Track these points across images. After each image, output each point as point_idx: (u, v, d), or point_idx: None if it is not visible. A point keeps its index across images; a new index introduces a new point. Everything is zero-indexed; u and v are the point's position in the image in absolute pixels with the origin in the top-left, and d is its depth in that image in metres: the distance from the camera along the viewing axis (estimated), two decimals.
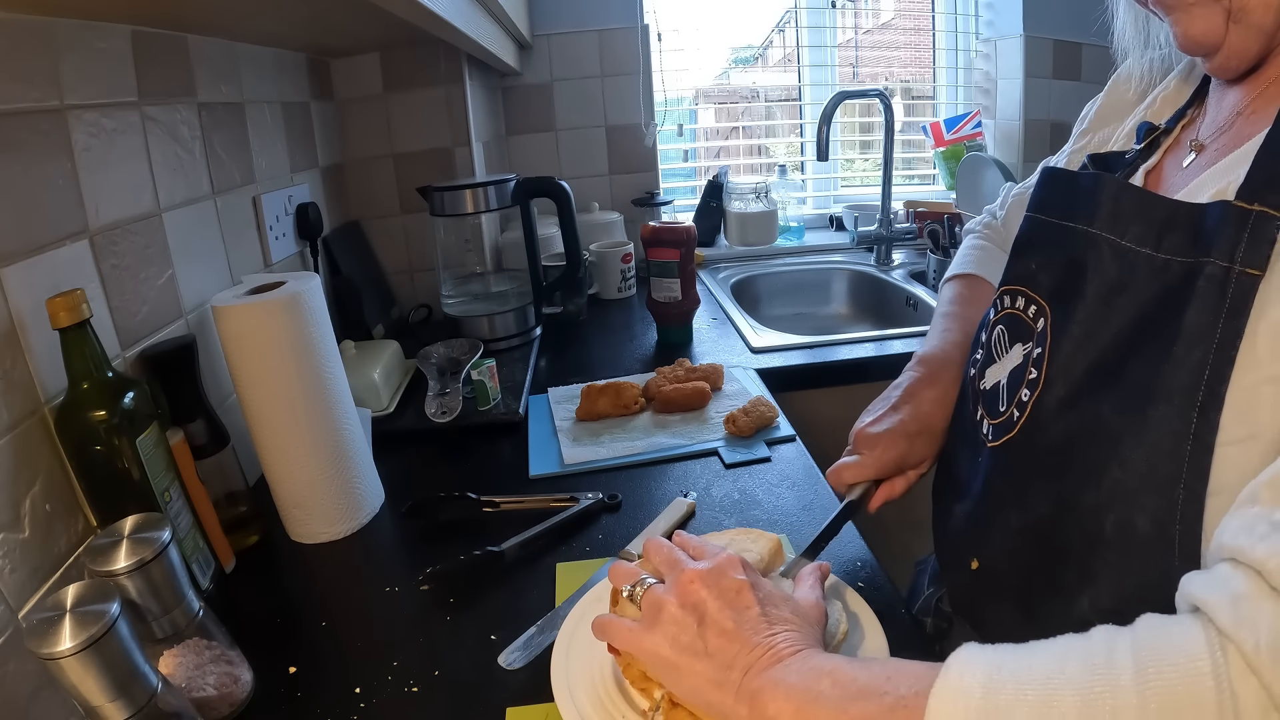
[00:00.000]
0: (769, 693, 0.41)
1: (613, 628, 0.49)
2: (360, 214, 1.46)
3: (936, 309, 0.78)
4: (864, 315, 1.73)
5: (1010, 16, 1.81)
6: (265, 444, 0.76)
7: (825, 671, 0.40)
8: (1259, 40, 0.47)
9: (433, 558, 0.72)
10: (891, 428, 0.65)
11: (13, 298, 0.57)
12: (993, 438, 0.55)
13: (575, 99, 1.78)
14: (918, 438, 0.65)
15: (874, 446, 0.64)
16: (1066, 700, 0.32)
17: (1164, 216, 0.46)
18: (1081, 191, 0.53)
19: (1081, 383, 0.48)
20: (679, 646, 0.45)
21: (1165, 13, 0.49)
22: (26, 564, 0.55)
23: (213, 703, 0.55)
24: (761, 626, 0.44)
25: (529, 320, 1.36)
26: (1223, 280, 0.41)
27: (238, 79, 0.98)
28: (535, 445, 0.97)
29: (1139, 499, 0.43)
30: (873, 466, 0.64)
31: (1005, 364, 0.56)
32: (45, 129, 0.62)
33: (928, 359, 0.70)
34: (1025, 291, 0.56)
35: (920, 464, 0.66)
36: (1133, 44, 0.60)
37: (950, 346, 0.71)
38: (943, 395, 0.66)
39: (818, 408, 1.19)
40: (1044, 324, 0.52)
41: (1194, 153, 0.53)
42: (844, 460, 0.66)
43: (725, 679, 0.42)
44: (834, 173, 2.14)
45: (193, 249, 0.84)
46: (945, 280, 0.81)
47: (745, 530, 0.63)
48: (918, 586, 0.78)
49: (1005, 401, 0.54)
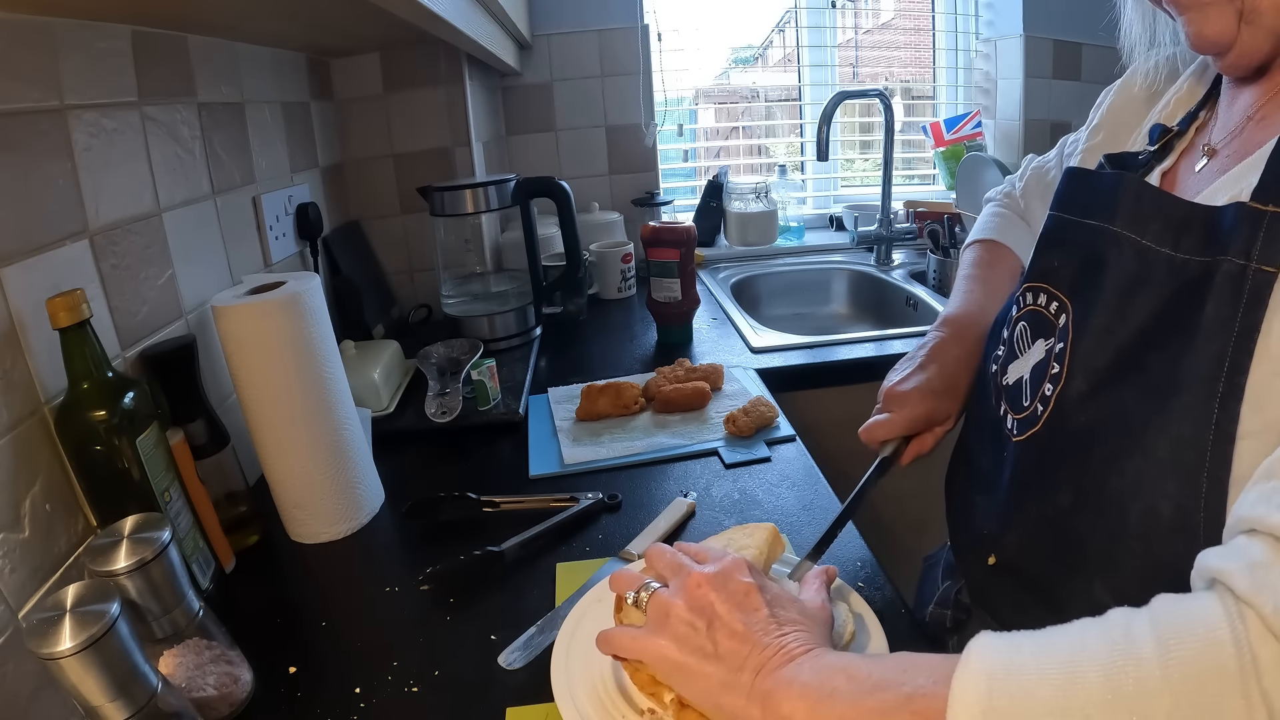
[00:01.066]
0: (782, 692, 0.40)
1: (617, 637, 0.49)
2: (360, 214, 1.46)
3: (959, 272, 0.80)
4: (864, 315, 1.73)
5: (1010, 16, 1.81)
6: (265, 444, 0.76)
7: (839, 668, 0.40)
8: (1270, 41, 0.47)
9: (433, 558, 0.72)
10: (919, 385, 0.67)
11: (13, 298, 0.57)
12: (1017, 432, 0.56)
13: (575, 99, 1.78)
14: (944, 395, 0.67)
15: (903, 404, 0.67)
16: (1090, 676, 0.32)
17: (1181, 217, 0.47)
18: (1103, 190, 0.54)
19: (1104, 375, 0.49)
20: (688, 649, 0.44)
21: (1178, 12, 0.49)
22: (26, 564, 0.55)
23: (213, 703, 0.55)
24: (771, 627, 0.44)
25: (529, 320, 1.36)
26: (1239, 276, 0.42)
27: (238, 79, 0.98)
28: (535, 445, 0.97)
29: (1163, 486, 0.44)
30: (902, 423, 0.66)
31: (1028, 359, 0.56)
32: (45, 129, 0.62)
33: (952, 320, 0.73)
34: (1047, 288, 0.56)
35: (946, 420, 0.69)
36: (1139, 42, 0.60)
37: (974, 307, 0.73)
38: (967, 354, 0.69)
39: (818, 408, 1.19)
40: (1065, 319, 0.53)
41: (1206, 157, 0.53)
42: (874, 419, 0.68)
43: (736, 681, 0.42)
44: (834, 173, 2.14)
45: (193, 249, 0.84)
46: (966, 245, 0.84)
47: (738, 527, 0.63)
48: (930, 581, 0.78)
49: (1029, 396, 0.55)
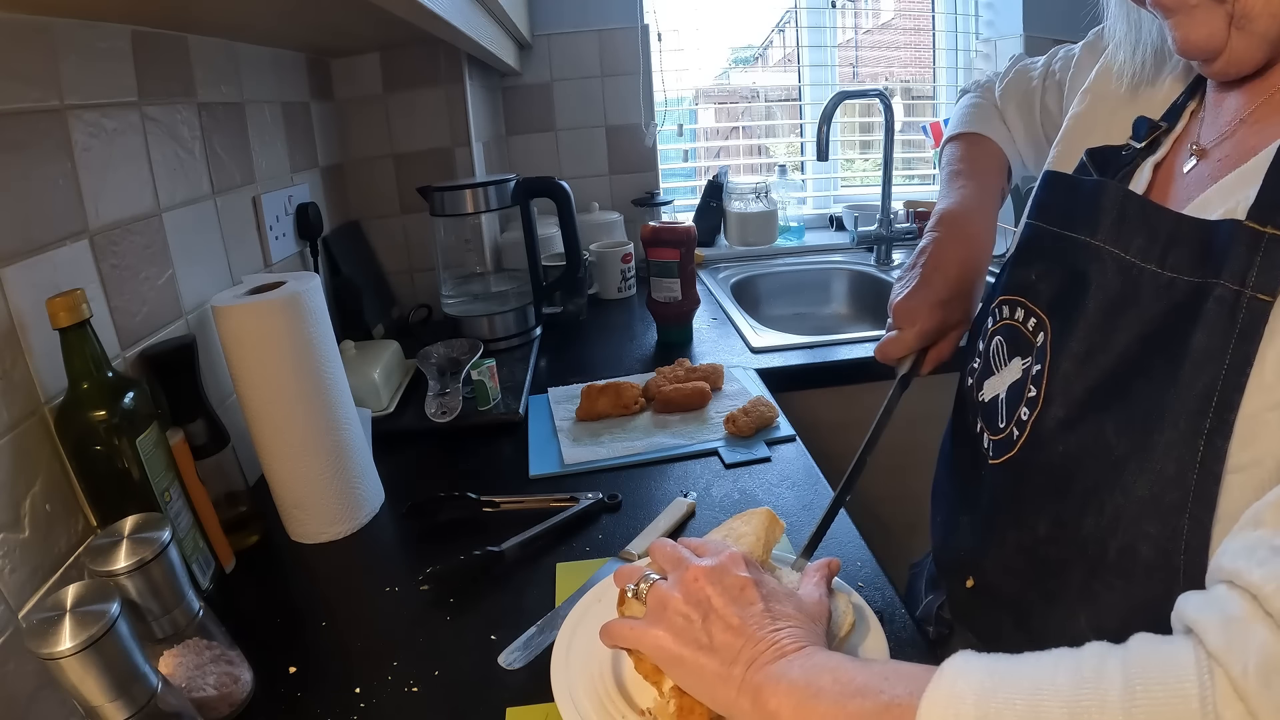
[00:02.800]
0: (770, 687, 0.41)
1: (617, 627, 0.49)
2: (360, 214, 1.46)
3: (944, 169, 0.78)
4: (864, 315, 1.73)
5: (1010, 16, 1.81)
6: (265, 444, 0.76)
7: (827, 669, 0.40)
8: (1262, 48, 0.44)
9: (433, 558, 0.72)
10: (926, 298, 0.67)
11: (13, 298, 0.57)
12: (994, 455, 0.55)
13: (575, 99, 1.78)
14: (951, 302, 0.67)
15: (913, 320, 0.66)
16: (1054, 712, 0.32)
17: (1169, 231, 0.45)
18: (1083, 198, 0.51)
19: (1083, 402, 0.47)
20: (684, 640, 0.45)
21: (1164, 15, 0.47)
22: (26, 564, 0.55)
23: (213, 703, 0.55)
24: (765, 622, 0.44)
25: (529, 320, 1.36)
26: (1233, 304, 0.40)
27: (238, 79, 0.98)
28: (535, 445, 0.97)
29: (1142, 526, 0.42)
30: (914, 338, 0.66)
31: (1004, 377, 0.55)
32: (45, 129, 0.62)
33: (948, 216, 0.71)
34: (1024, 303, 0.54)
35: (960, 324, 0.68)
36: (1124, 41, 0.58)
37: (970, 201, 0.72)
38: (968, 253, 0.68)
39: (818, 408, 1.19)
40: (1044, 338, 0.51)
41: (1195, 158, 0.51)
42: (887, 337, 0.68)
43: (729, 673, 0.43)
44: (834, 173, 2.14)
45: (193, 249, 0.84)
46: (946, 140, 0.81)
47: (736, 515, 0.62)
48: (915, 591, 0.78)
49: (1004, 418, 0.54)
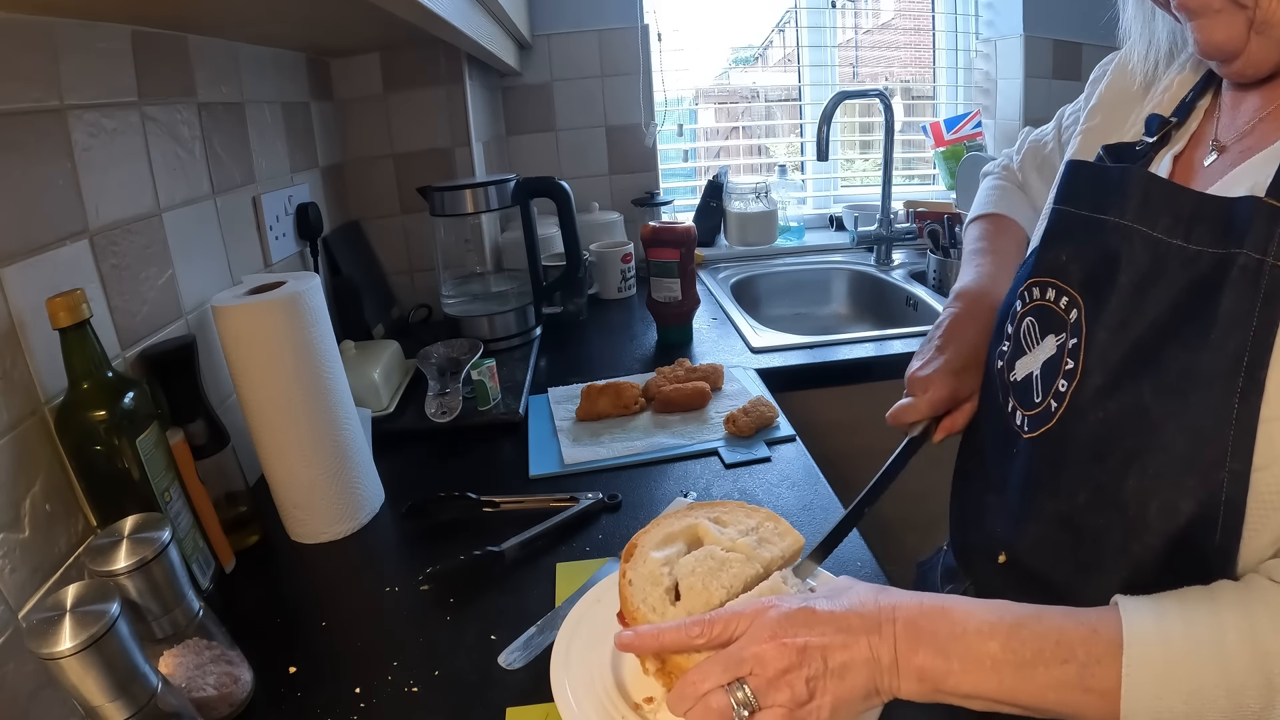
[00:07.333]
0: (924, 618, 0.45)
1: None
2: (360, 214, 1.46)
3: (965, 247, 0.82)
4: (864, 315, 1.73)
5: (1010, 16, 1.81)
6: (265, 444, 0.76)
7: (983, 629, 0.43)
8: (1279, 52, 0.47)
9: (433, 558, 0.72)
10: (939, 368, 0.69)
11: (13, 298, 0.57)
12: (1029, 429, 0.56)
13: (575, 99, 1.78)
14: (964, 372, 0.69)
15: (926, 388, 0.68)
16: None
17: (1191, 209, 0.47)
18: (1110, 184, 0.54)
19: (1120, 370, 0.49)
20: (815, 683, 0.44)
21: (1187, 18, 0.49)
22: (26, 564, 0.55)
23: (213, 703, 0.55)
24: (839, 616, 0.46)
25: (529, 320, 1.36)
26: (1256, 271, 0.43)
27: (238, 79, 0.98)
28: (535, 445, 0.97)
29: (1183, 482, 0.44)
30: (926, 406, 0.68)
31: (1037, 355, 0.56)
32: (45, 129, 0.62)
33: (965, 293, 0.74)
34: (1055, 283, 0.56)
35: (972, 396, 0.70)
36: (1139, 41, 0.61)
37: (986, 279, 0.74)
38: (984, 328, 0.70)
39: (818, 408, 1.19)
40: (1077, 314, 0.53)
41: (1216, 152, 0.53)
42: (900, 403, 0.70)
43: (878, 638, 0.45)
44: (834, 173, 2.14)
45: (193, 249, 0.84)
46: (970, 221, 0.85)
47: (775, 518, 0.60)
48: (926, 588, 0.77)
49: (1040, 393, 0.55)
